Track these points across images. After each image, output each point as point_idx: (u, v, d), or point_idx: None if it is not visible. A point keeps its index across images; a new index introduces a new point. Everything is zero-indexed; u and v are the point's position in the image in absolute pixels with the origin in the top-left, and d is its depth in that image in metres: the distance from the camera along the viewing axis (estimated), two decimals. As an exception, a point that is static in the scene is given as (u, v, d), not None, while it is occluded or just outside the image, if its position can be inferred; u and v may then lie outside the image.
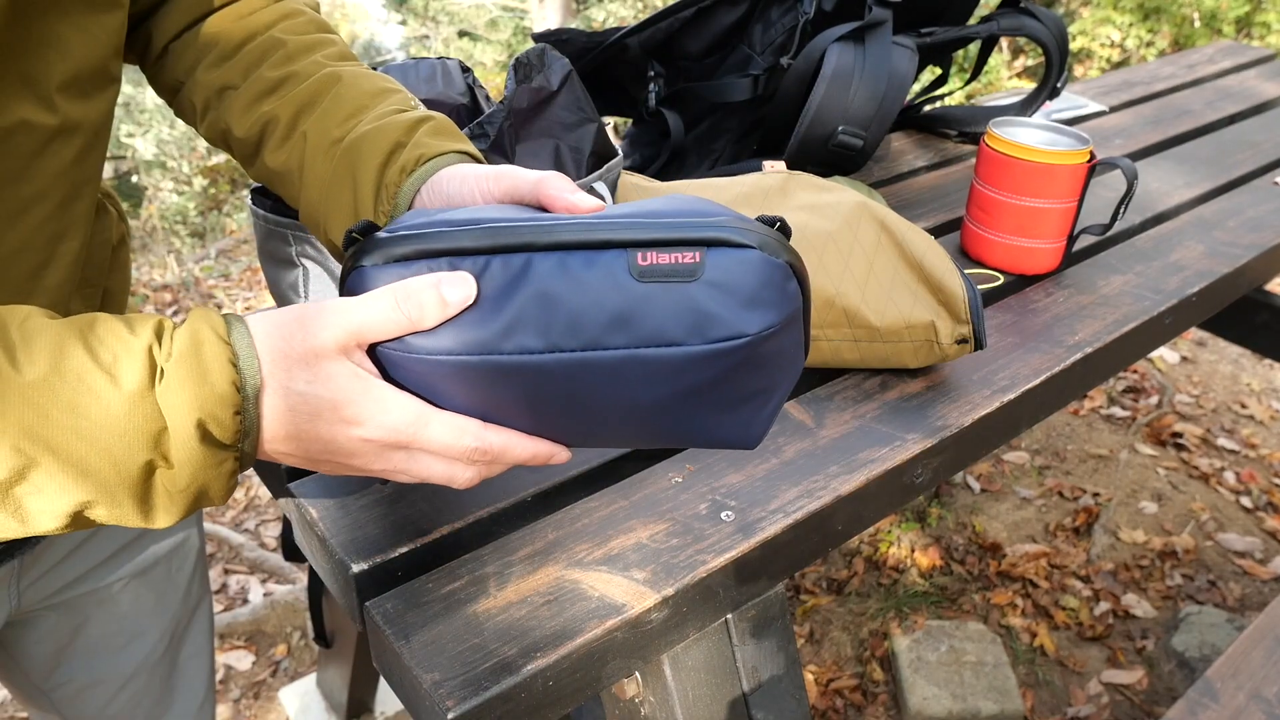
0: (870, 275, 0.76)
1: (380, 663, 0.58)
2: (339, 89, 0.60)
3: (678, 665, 0.63)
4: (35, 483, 0.40)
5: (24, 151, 0.50)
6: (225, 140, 0.64)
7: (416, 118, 0.58)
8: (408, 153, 0.56)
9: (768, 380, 0.49)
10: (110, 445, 0.41)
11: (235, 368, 0.43)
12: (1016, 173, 0.93)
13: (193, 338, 0.43)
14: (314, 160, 0.59)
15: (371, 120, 0.58)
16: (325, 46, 0.63)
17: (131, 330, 0.43)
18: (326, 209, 0.58)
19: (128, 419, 0.41)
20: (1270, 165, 1.30)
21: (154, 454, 0.42)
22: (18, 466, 0.40)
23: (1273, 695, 0.89)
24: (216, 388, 0.42)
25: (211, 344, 0.43)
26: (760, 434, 0.52)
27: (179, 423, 0.42)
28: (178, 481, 0.43)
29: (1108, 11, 4.62)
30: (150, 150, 4.32)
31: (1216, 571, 1.86)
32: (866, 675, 1.63)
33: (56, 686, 0.78)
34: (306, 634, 1.75)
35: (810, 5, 1.12)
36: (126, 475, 0.42)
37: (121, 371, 0.41)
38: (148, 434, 0.42)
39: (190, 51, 0.63)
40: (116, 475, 0.42)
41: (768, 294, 0.45)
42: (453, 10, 7.17)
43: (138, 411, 0.41)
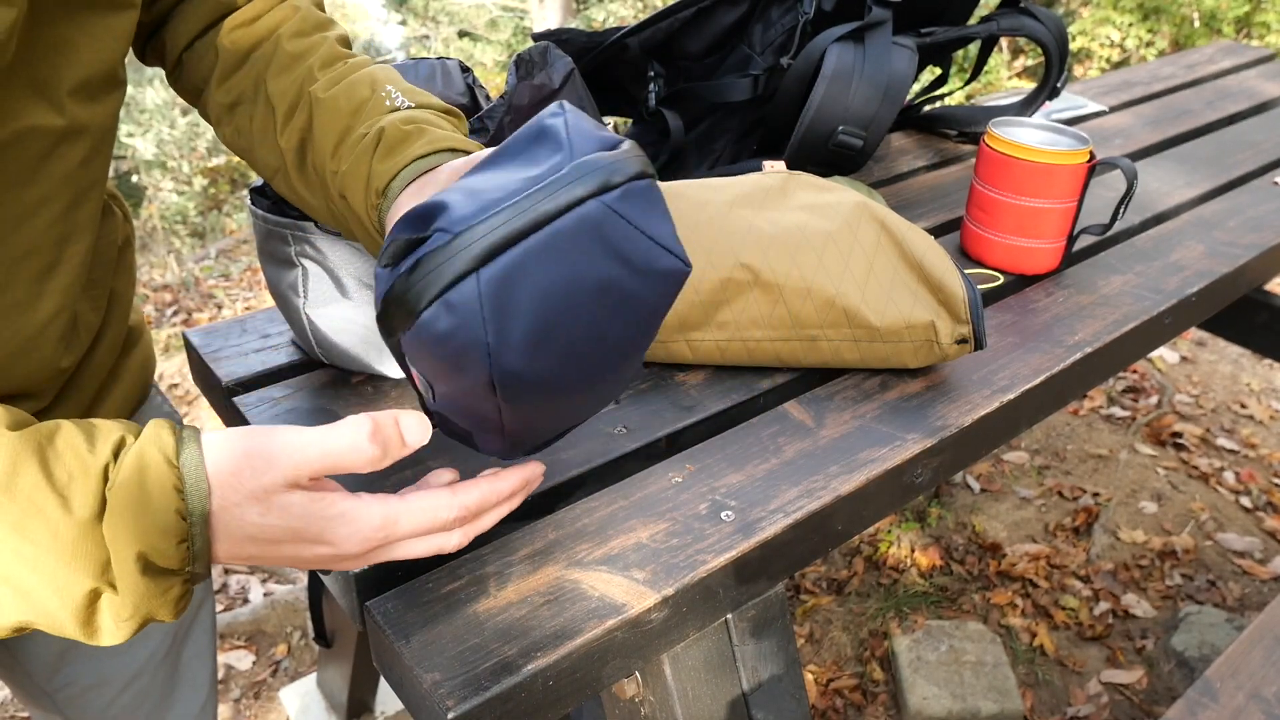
0: (870, 275, 0.76)
1: (380, 663, 0.58)
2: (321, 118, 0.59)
3: (678, 665, 0.63)
4: None
5: (32, 155, 0.50)
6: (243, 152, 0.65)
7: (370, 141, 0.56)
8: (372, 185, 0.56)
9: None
10: (55, 573, 0.40)
11: (180, 495, 0.41)
12: (1016, 173, 0.93)
13: (138, 462, 0.41)
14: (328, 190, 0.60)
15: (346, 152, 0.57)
16: (317, 49, 0.63)
17: (92, 447, 0.41)
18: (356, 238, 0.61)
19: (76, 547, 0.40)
20: (1270, 165, 1.30)
21: (100, 582, 0.41)
22: None
23: (1272, 695, 0.89)
24: (159, 519, 0.41)
25: (157, 468, 0.41)
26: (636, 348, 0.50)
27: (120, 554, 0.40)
28: (122, 610, 0.42)
29: (1108, 11, 4.62)
30: (150, 150, 4.32)
31: (1216, 571, 1.86)
32: (866, 675, 1.63)
33: (60, 687, 0.78)
34: (306, 634, 1.75)
35: (810, 5, 1.12)
36: (69, 601, 0.40)
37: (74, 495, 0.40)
38: (97, 562, 0.40)
39: (203, 61, 0.63)
40: (59, 601, 0.40)
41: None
42: (453, 10, 7.17)
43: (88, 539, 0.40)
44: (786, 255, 0.76)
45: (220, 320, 2.15)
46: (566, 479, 0.67)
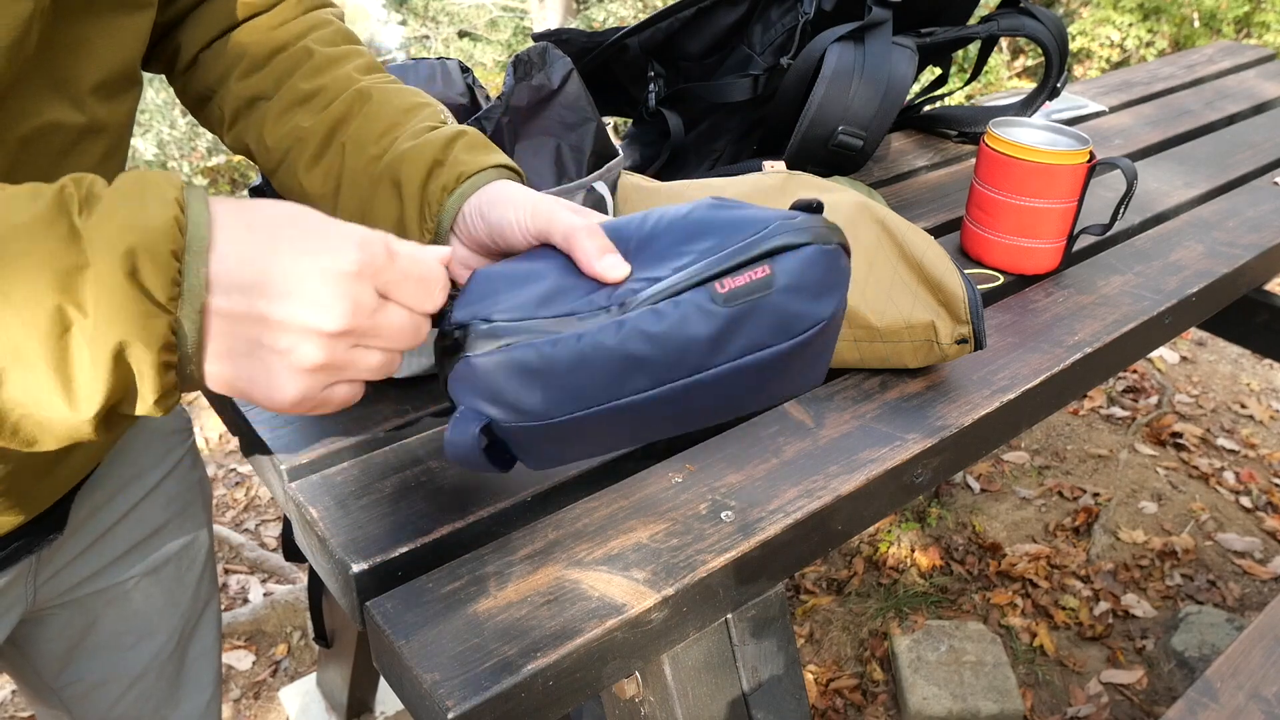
0: (870, 275, 0.76)
1: (380, 663, 0.58)
2: (370, 107, 0.60)
3: (678, 665, 0.63)
4: None
5: (54, 150, 0.51)
6: (250, 151, 0.65)
7: (451, 134, 0.58)
8: (447, 171, 0.56)
9: (834, 335, 0.54)
10: (11, 288, 0.35)
11: (180, 207, 0.38)
12: (1016, 173, 0.93)
13: (138, 173, 0.38)
14: (352, 179, 0.59)
15: (408, 137, 0.58)
16: (353, 58, 0.64)
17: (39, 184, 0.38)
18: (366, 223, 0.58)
19: (28, 254, 0.35)
20: (1270, 165, 1.30)
21: (63, 297, 0.36)
22: None
23: (1272, 695, 0.89)
24: (155, 218, 0.37)
25: (157, 179, 0.38)
26: (821, 375, 0.56)
27: (104, 251, 0.36)
28: (95, 329, 0.36)
29: (1108, 11, 4.62)
30: (150, 150, 4.32)
31: (1216, 571, 1.86)
32: (866, 675, 1.63)
33: (67, 685, 0.78)
34: (306, 634, 1.75)
35: (810, 5, 1.12)
36: (34, 323, 0.36)
37: (20, 205, 0.36)
38: (55, 271, 0.35)
39: (221, 61, 0.63)
40: (21, 323, 0.35)
41: (832, 278, 0.50)
42: (453, 10, 7.17)
43: (42, 246, 0.35)
44: (786, 255, 0.76)
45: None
46: (566, 479, 0.67)
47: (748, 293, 0.48)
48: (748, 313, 0.49)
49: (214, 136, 4.27)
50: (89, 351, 0.37)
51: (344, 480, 0.65)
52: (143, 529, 0.76)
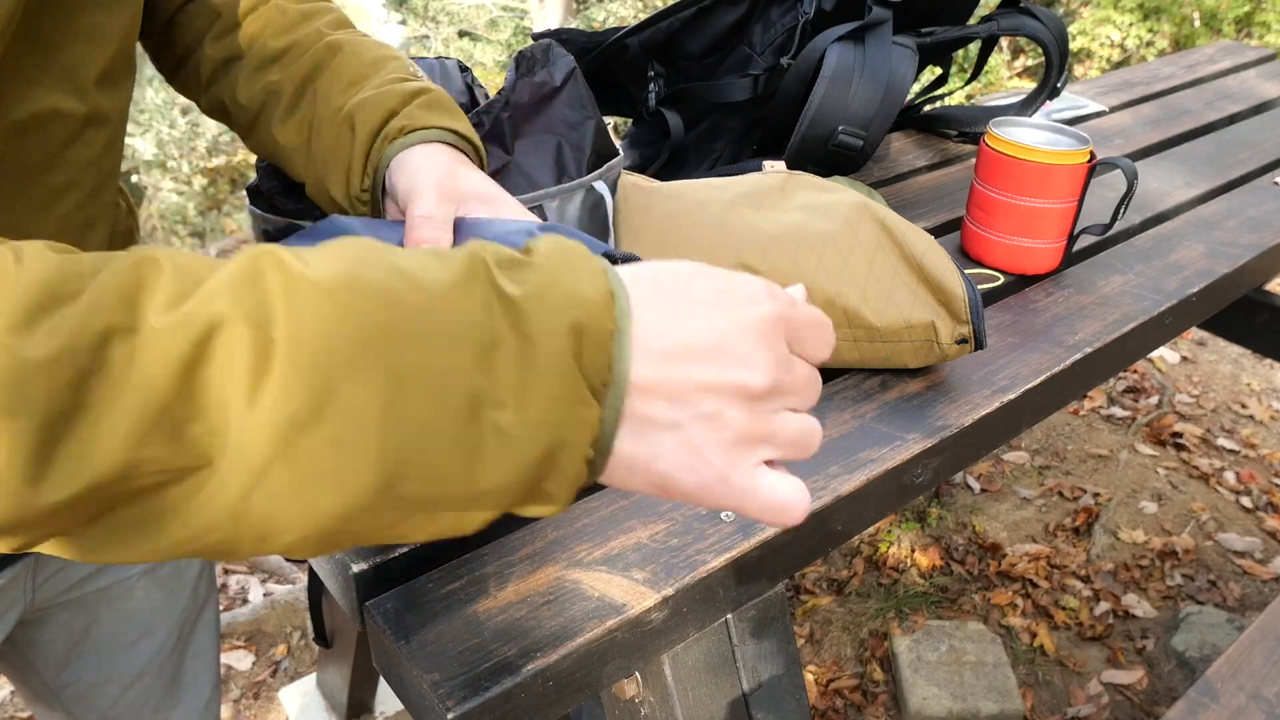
0: (870, 275, 0.76)
1: (380, 663, 0.58)
2: (340, 59, 0.61)
3: (678, 665, 0.63)
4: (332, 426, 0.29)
5: (58, 140, 0.51)
6: (225, 111, 0.65)
7: (414, 89, 0.58)
8: (397, 122, 0.57)
9: None
10: (426, 362, 0.30)
11: (608, 278, 0.33)
12: (1016, 173, 0.93)
13: (557, 240, 0.34)
14: (319, 128, 0.60)
15: (372, 87, 0.59)
16: (323, 14, 0.64)
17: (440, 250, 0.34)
18: (327, 169, 0.59)
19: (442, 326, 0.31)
20: (1270, 165, 1.30)
21: (481, 377, 0.31)
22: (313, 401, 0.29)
23: (1273, 695, 0.89)
24: (592, 289, 0.32)
25: (579, 249, 0.34)
26: None
27: (548, 328, 0.31)
28: (523, 421, 0.31)
29: (1108, 11, 4.62)
30: (150, 150, 4.32)
31: (1216, 571, 1.86)
32: (866, 675, 1.63)
33: (66, 685, 0.78)
34: (306, 634, 1.75)
35: (810, 5, 1.12)
36: (448, 404, 0.31)
37: (434, 273, 0.32)
38: (473, 345, 0.31)
39: (197, 21, 0.64)
40: (434, 407, 0.30)
41: None
42: (453, 10, 7.17)
43: (458, 315, 0.31)
44: (786, 255, 0.76)
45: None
46: (566, 479, 0.67)
47: None
48: None
49: (213, 137, 4.24)
50: (510, 441, 0.31)
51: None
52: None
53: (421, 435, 0.30)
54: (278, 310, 0.29)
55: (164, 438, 0.29)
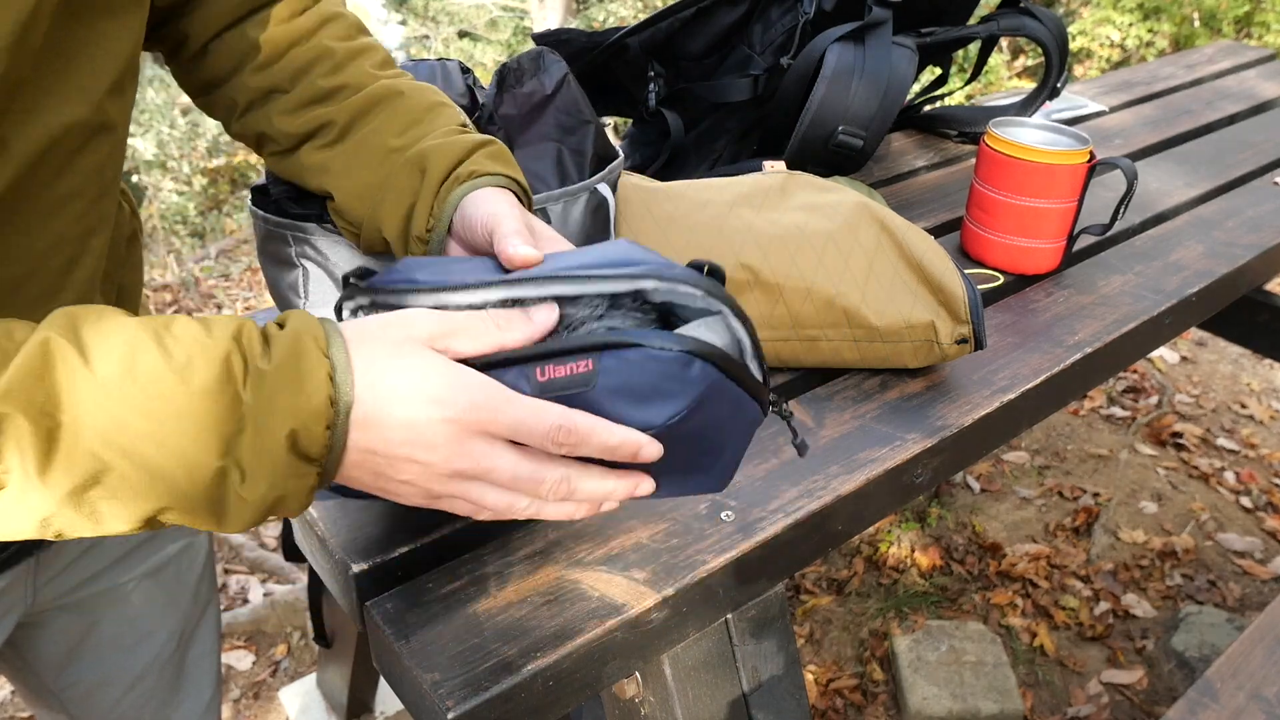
0: (870, 275, 0.76)
1: (380, 663, 0.58)
2: (398, 101, 0.63)
3: (678, 665, 0.63)
4: (109, 487, 0.40)
5: (69, 148, 0.51)
6: (259, 137, 0.66)
7: (479, 139, 0.61)
8: (465, 166, 0.59)
9: (705, 447, 0.51)
10: (183, 450, 0.40)
11: (332, 382, 0.43)
12: (1016, 173, 0.93)
13: (294, 345, 0.43)
14: (365, 163, 0.61)
15: (438, 135, 0.61)
16: (370, 53, 0.66)
17: (209, 332, 0.42)
18: (381, 210, 0.61)
19: (198, 423, 0.40)
20: (1270, 165, 1.30)
21: (225, 460, 0.41)
22: (93, 471, 0.39)
23: (1273, 695, 0.89)
24: (312, 400, 0.42)
25: (312, 354, 0.43)
26: (720, 484, 0.54)
27: (270, 430, 0.41)
28: (255, 488, 0.42)
29: (1108, 11, 4.62)
30: (150, 150, 4.32)
31: (1216, 571, 1.86)
32: (866, 675, 1.63)
33: (66, 687, 0.78)
34: (306, 634, 1.75)
35: (810, 5, 1.12)
36: (199, 481, 0.41)
37: (194, 373, 0.41)
38: (219, 438, 0.41)
39: (233, 53, 0.64)
40: (189, 480, 0.41)
41: (667, 385, 0.46)
42: (453, 10, 7.16)
43: (209, 415, 0.41)
44: (786, 255, 0.76)
45: (220, 320, 2.14)
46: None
47: (564, 386, 0.46)
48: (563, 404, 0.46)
49: (213, 137, 4.22)
50: (246, 501, 0.42)
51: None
52: (142, 531, 0.76)
53: (182, 495, 0.41)
54: (63, 400, 0.39)
55: None
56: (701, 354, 0.47)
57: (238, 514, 0.43)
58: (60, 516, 0.40)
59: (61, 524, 0.41)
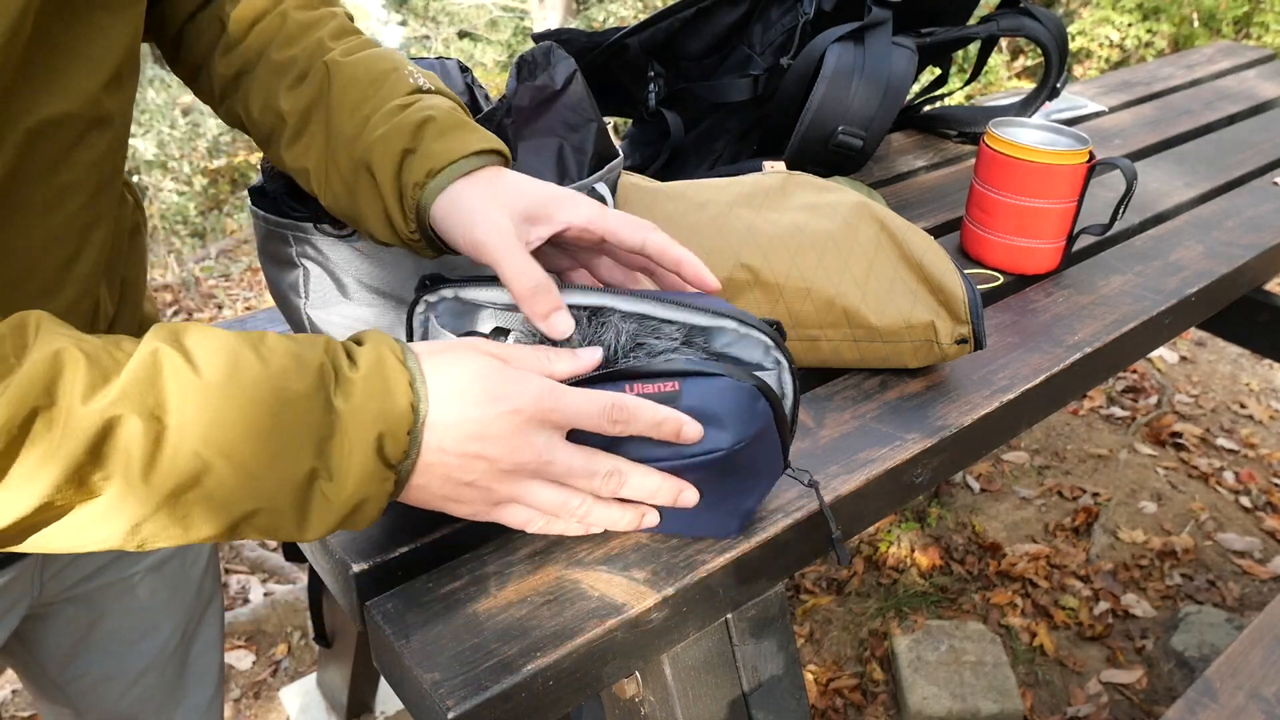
0: (870, 275, 0.76)
1: (380, 663, 0.58)
2: (339, 85, 0.59)
3: (678, 665, 0.63)
4: (206, 489, 0.42)
5: (64, 142, 0.51)
6: (243, 123, 0.65)
7: (419, 120, 0.57)
8: (417, 163, 0.56)
9: (744, 484, 0.57)
10: (279, 450, 0.43)
11: (412, 389, 0.46)
12: (1016, 173, 0.93)
13: (378, 357, 0.46)
14: (334, 163, 0.59)
15: (381, 119, 0.58)
16: (326, 22, 0.64)
17: (300, 345, 0.45)
18: (359, 212, 0.60)
19: (294, 425, 0.43)
20: (1269, 165, 1.30)
21: (317, 462, 0.44)
22: (194, 471, 0.41)
23: (1272, 695, 0.89)
24: (398, 405, 0.45)
25: (393, 365, 0.46)
26: (737, 528, 0.60)
27: (361, 435, 0.44)
28: (341, 492, 0.45)
29: (1107, 11, 4.62)
30: (150, 150, 4.31)
31: (1216, 571, 1.86)
32: (866, 675, 1.63)
33: (72, 680, 0.78)
34: (307, 634, 1.75)
35: (810, 5, 1.12)
36: (291, 481, 0.43)
37: (290, 380, 0.43)
38: (313, 440, 0.43)
39: (205, 35, 0.63)
40: (281, 481, 0.43)
41: (738, 414, 0.52)
42: (453, 10, 7.16)
43: (305, 419, 0.43)
44: (786, 255, 0.76)
45: (220, 320, 2.15)
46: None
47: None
48: None
49: (213, 137, 4.23)
50: (331, 503, 0.45)
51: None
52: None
53: (272, 497, 0.43)
54: (170, 403, 0.41)
55: (74, 487, 0.40)
56: (766, 393, 0.53)
57: (321, 517, 0.45)
58: (153, 521, 0.42)
59: (151, 529, 0.42)
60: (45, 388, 0.39)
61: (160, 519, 0.42)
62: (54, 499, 0.39)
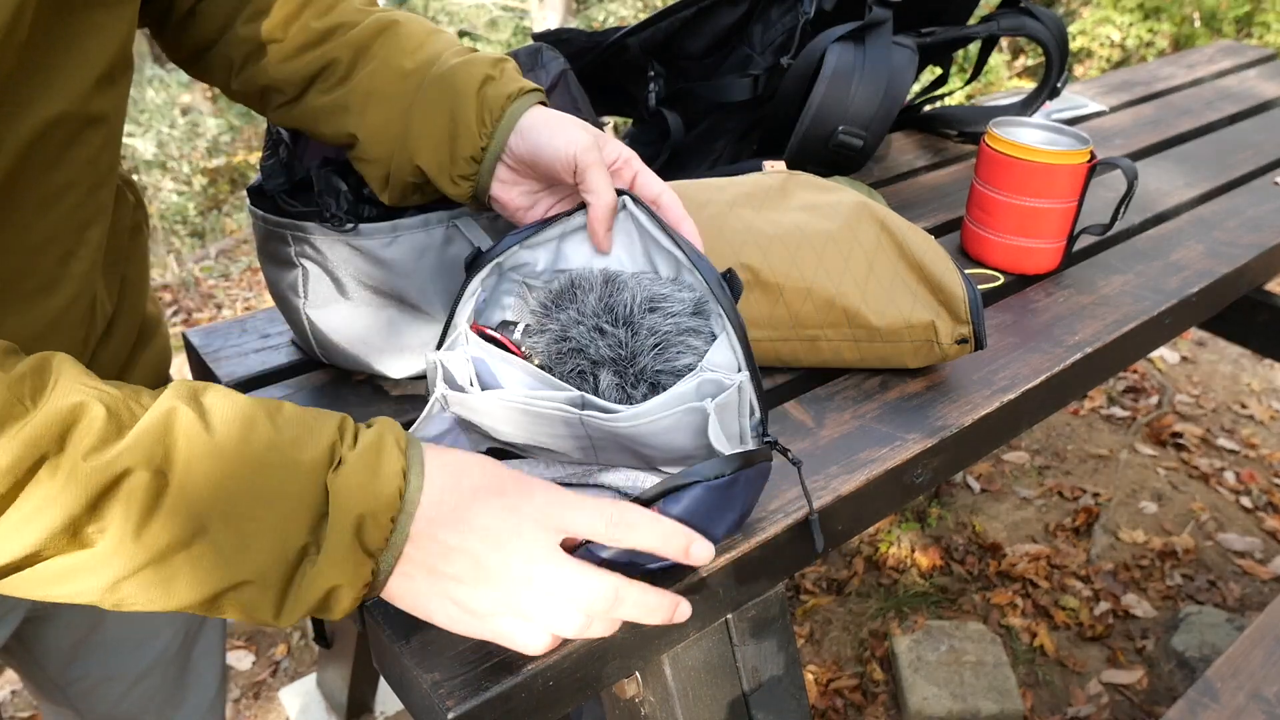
0: (870, 275, 0.76)
1: (380, 663, 0.58)
2: (399, 29, 0.63)
3: (678, 665, 0.63)
4: (197, 552, 0.41)
5: (59, 141, 0.51)
6: (261, 92, 0.66)
7: (495, 56, 0.63)
8: (501, 84, 0.60)
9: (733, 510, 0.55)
10: (277, 523, 0.42)
11: (404, 478, 0.45)
12: (1016, 173, 0.93)
13: (378, 439, 0.45)
14: (383, 93, 0.62)
15: (454, 55, 0.62)
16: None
17: (315, 419, 0.45)
18: (415, 136, 0.61)
19: (299, 498, 0.42)
20: (1270, 165, 1.30)
21: (310, 538, 0.43)
22: (189, 532, 0.40)
23: (1273, 695, 0.89)
24: (383, 489, 0.44)
25: (390, 449, 0.45)
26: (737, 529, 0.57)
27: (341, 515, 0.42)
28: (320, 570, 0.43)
29: (1108, 11, 4.62)
30: (150, 150, 4.31)
31: (1216, 571, 1.86)
32: (866, 675, 1.63)
33: (73, 681, 0.78)
34: (306, 634, 1.75)
35: (810, 5, 1.12)
36: (283, 556, 0.42)
37: (302, 452, 0.43)
38: (311, 517, 0.42)
39: (222, 10, 0.64)
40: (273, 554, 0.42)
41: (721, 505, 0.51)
42: (452, 10, 7.17)
43: (310, 493, 0.42)
44: (786, 255, 0.76)
45: (220, 320, 2.15)
46: (566, 479, 0.67)
47: None
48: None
49: (213, 137, 4.21)
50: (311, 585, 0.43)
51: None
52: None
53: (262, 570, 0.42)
54: (178, 459, 0.40)
55: (67, 537, 0.39)
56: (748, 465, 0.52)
57: (302, 599, 0.43)
58: (135, 580, 0.41)
59: (131, 589, 0.41)
60: (58, 436, 0.38)
61: (143, 578, 0.41)
62: (44, 548, 0.39)
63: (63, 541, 0.39)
